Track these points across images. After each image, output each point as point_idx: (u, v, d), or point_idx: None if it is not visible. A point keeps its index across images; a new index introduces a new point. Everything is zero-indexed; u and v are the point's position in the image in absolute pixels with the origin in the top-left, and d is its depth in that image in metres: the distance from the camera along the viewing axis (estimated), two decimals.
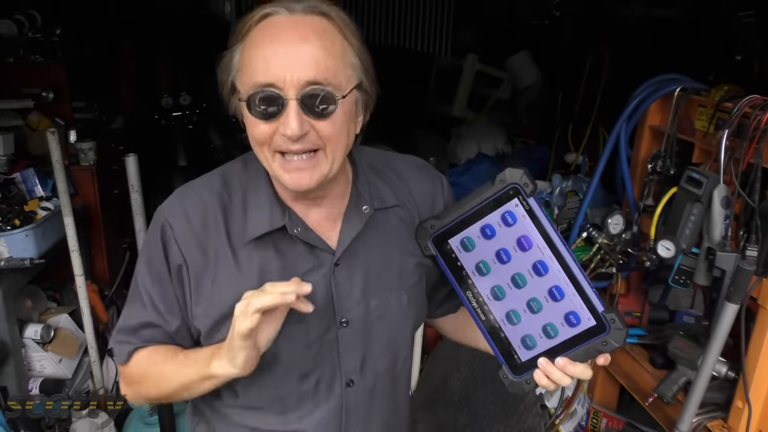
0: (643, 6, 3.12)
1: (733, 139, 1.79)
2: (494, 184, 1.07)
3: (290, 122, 0.98)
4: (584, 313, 1.03)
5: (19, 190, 2.82)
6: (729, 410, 1.88)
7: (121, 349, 1.20)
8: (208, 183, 1.17)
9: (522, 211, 1.06)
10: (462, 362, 2.77)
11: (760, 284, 1.74)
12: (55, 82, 3.06)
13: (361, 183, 1.19)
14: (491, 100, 4.44)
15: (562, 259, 1.04)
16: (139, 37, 4.06)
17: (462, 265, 1.13)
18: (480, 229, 1.10)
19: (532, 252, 1.06)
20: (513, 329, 1.10)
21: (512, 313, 1.10)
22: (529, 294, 1.08)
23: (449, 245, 1.14)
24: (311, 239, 1.13)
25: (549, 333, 1.07)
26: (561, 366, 1.05)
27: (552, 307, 1.06)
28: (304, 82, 0.98)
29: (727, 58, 2.59)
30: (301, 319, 1.12)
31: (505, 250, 1.08)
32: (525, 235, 1.06)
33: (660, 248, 1.98)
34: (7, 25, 2.92)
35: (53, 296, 3.11)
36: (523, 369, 1.10)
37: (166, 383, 1.15)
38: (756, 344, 1.77)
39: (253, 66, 1.00)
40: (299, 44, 0.98)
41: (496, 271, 1.10)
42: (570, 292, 1.04)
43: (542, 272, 1.06)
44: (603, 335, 1.02)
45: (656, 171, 2.18)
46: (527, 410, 2.31)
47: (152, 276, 1.15)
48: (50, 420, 2.64)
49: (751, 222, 1.76)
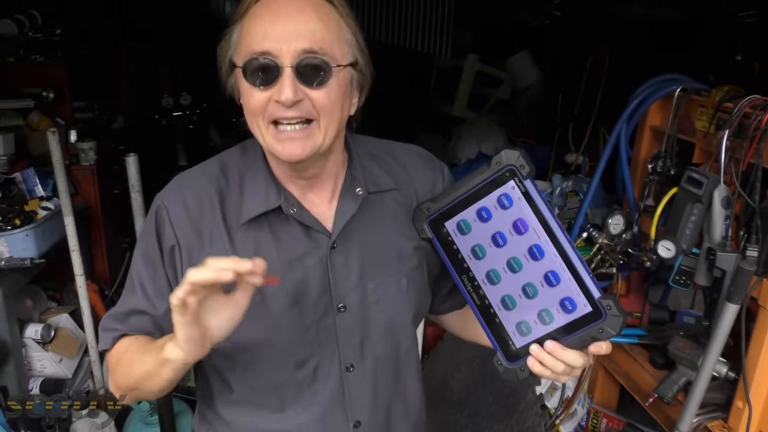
0: (644, 6, 3.12)
1: (734, 139, 1.79)
2: (490, 166, 1.06)
3: (285, 89, 1.00)
4: (580, 299, 1.01)
5: (20, 190, 2.82)
6: (729, 410, 1.88)
7: (106, 336, 1.19)
8: (205, 169, 1.18)
9: (518, 193, 1.04)
10: (462, 362, 2.77)
11: (761, 284, 1.74)
12: (55, 81, 3.06)
13: (356, 167, 1.19)
14: (491, 100, 4.44)
15: (558, 244, 1.02)
16: (140, 36, 4.07)
17: (458, 249, 1.12)
18: (476, 211, 1.09)
19: (528, 235, 1.04)
20: (508, 314, 1.09)
21: (507, 298, 1.08)
22: (524, 279, 1.06)
23: (445, 228, 1.13)
24: (307, 219, 1.13)
25: (544, 319, 1.05)
26: (550, 350, 1.03)
27: (548, 293, 1.04)
28: (300, 50, 1.00)
29: (727, 58, 2.59)
30: (296, 304, 1.12)
31: (501, 234, 1.07)
32: (521, 218, 1.04)
33: (660, 248, 1.98)
34: (7, 25, 2.92)
35: (53, 296, 3.11)
36: (518, 355, 1.08)
37: (131, 370, 1.11)
38: (756, 344, 1.77)
39: (250, 37, 1.02)
40: (296, 15, 1.01)
41: (492, 254, 1.08)
42: (566, 277, 1.02)
43: (538, 257, 1.04)
44: (599, 322, 1.00)
45: (656, 171, 2.18)
46: (527, 410, 2.31)
47: (145, 260, 1.15)
48: (50, 420, 2.64)
49: (752, 222, 1.76)
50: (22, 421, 2.56)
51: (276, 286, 1.11)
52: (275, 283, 1.10)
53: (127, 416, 2.92)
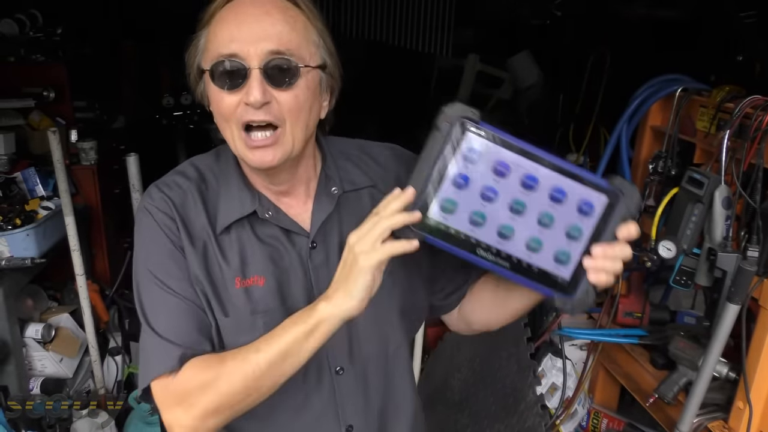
0: (645, 6, 3.12)
1: (735, 139, 1.78)
2: (440, 130, 0.99)
3: (253, 90, 1.00)
4: (593, 195, 0.99)
5: (20, 190, 2.82)
6: (730, 411, 1.88)
7: (167, 354, 1.06)
8: (184, 173, 1.17)
9: (480, 140, 0.98)
10: (462, 362, 2.77)
11: (761, 285, 1.74)
12: (56, 81, 3.06)
13: (330, 167, 1.20)
14: (492, 100, 4.44)
15: (544, 161, 0.98)
16: (141, 36, 4.07)
17: (456, 230, 1.01)
18: (452, 183, 0.99)
19: (514, 172, 0.98)
20: (541, 256, 1.01)
21: (531, 242, 1.01)
22: (534, 212, 1.00)
23: (431, 219, 1.00)
24: (283, 222, 1.14)
25: (573, 236, 1.00)
26: (603, 254, 0.99)
27: (562, 210, 1.00)
28: (267, 52, 1.00)
29: (728, 58, 2.59)
30: (282, 304, 1.12)
31: (488, 187, 0.99)
32: (497, 160, 0.98)
33: (661, 249, 1.98)
34: (8, 25, 2.92)
35: (54, 296, 3.11)
36: (574, 285, 1.03)
37: (251, 367, 1.01)
38: (757, 345, 1.77)
39: (217, 40, 1.02)
40: (263, 18, 1.01)
41: (491, 212, 1.00)
42: (569, 185, 0.99)
43: (533, 185, 0.99)
44: (620, 205, 0.99)
45: (657, 171, 2.18)
46: (528, 410, 2.31)
47: (163, 256, 1.10)
48: (51, 419, 2.64)
49: (753, 222, 1.76)
50: (22, 421, 2.56)
51: (263, 287, 1.11)
52: (261, 284, 1.11)
53: (128, 416, 2.92)
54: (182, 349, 1.06)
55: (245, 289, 1.11)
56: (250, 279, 1.12)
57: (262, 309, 1.11)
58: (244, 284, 1.11)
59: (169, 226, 1.11)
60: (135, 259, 1.15)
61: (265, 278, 1.12)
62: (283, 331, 1.02)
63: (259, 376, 1.01)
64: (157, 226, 1.11)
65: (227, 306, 1.11)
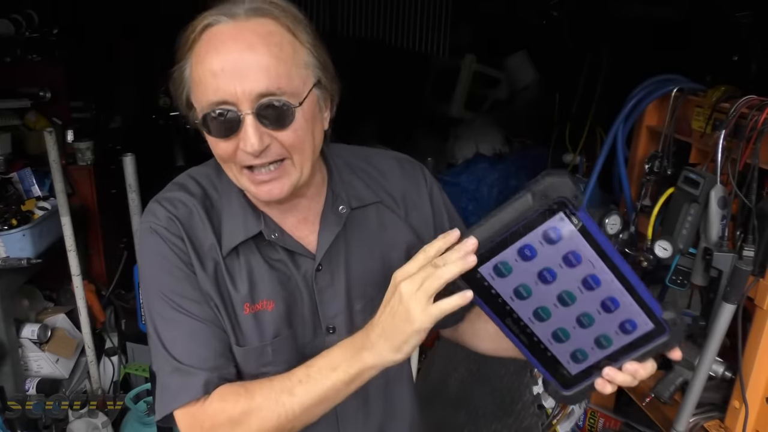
0: (641, 6, 3.13)
1: (730, 139, 1.79)
2: (533, 198, 0.88)
3: (249, 138, 0.95)
4: (641, 319, 0.93)
5: (17, 190, 2.82)
6: (726, 410, 1.88)
7: (190, 382, 1.02)
8: (186, 188, 1.12)
9: (569, 226, 0.90)
10: (460, 362, 2.77)
11: (757, 284, 1.74)
12: (52, 81, 3.06)
13: (336, 183, 1.15)
14: (489, 100, 4.44)
15: (616, 269, 0.92)
16: (137, 36, 4.06)
17: (497, 293, 0.95)
18: (517, 251, 0.92)
19: (582, 267, 0.92)
20: (561, 346, 0.98)
21: (560, 331, 0.97)
22: (579, 310, 0.95)
23: (479, 273, 0.94)
24: (289, 244, 1.10)
25: (602, 344, 0.96)
26: (632, 371, 0.94)
27: (605, 319, 0.94)
28: (257, 95, 0.94)
29: (724, 58, 2.59)
30: (290, 327, 1.10)
31: (550, 270, 0.92)
32: (573, 250, 0.91)
33: (657, 248, 1.98)
34: (4, 25, 2.92)
35: (50, 296, 3.11)
36: (575, 381, 1.00)
37: (284, 410, 0.98)
38: (753, 344, 1.77)
39: (203, 84, 0.96)
40: (245, 54, 0.93)
41: (539, 292, 0.94)
42: (626, 301, 0.93)
43: (594, 286, 0.92)
44: (662, 337, 0.94)
45: (653, 171, 2.18)
46: (525, 410, 2.32)
47: (175, 277, 1.06)
48: (47, 420, 2.64)
49: (748, 222, 1.76)
50: (19, 421, 2.56)
51: (272, 312, 1.09)
52: (270, 308, 1.08)
53: (124, 416, 2.92)
54: (206, 374, 1.02)
55: (254, 315, 1.08)
56: (258, 304, 1.08)
57: (271, 336, 1.09)
58: (253, 309, 1.08)
59: (180, 246, 1.06)
60: (144, 282, 1.10)
61: (274, 302, 1.08)
62: (321, 376, 0.97)
63: (292, 419, 0.99)
64: (167, 247, 1.06)
65: (237, 333, 1.08)
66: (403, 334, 0.90)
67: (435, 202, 1.25)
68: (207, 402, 1.02)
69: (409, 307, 0.88)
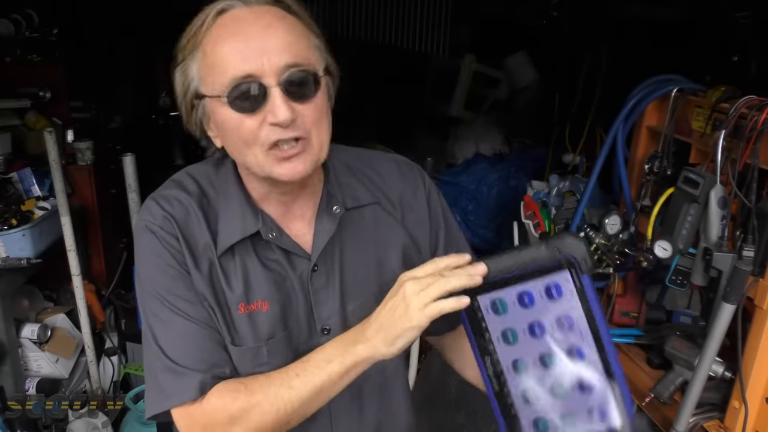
0: (641, 6, 3.13)
1: (730, 139, 1.79)
2: (547, 249, 0.94)
3: (278, 109, 0.95)
4: (611, 413, 0.93)
5: (16, 190, 2.82)
6: (726, 410, 1.88)
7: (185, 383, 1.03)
8: (183, 186, 1.12)
9: (571, 287, 0.93)
10: None
11: (757, 284, 1.74)
12: (52, 81, 3.06)
13: (332, 183, 1.16)
14: (489, 100, 4.45)
15: (602, 351, 0.93)
16: (137, 36, 4.06)
17: (486, 327, 0.97)
18: (517, 294, 0.95)
19: (572, 334, 0.93)
20: (527, 408, 0.97)
21: (529, 392, 0.96)
22: (555, 377, 0.95)
23: (477, 302, 0.97)
24: (286, 244, 1.10)
25: (566, 422, 0.95)
26: None
27: (577, 398, 0.94)
28: (284, 66, 0.96)
29: (724, 58, 2.59)
30: (285, 328, 1.10)
31: (541, 324, 0.94)
32: (568, 314, 0.93)
33: (657, 248, 1.98)
34: (4, 25, 2.91)
35: (50, 296, 3.11)
36: None
37: (282, 404, 1.00)
38: (752, 344, 1.77)
39: (224, 62, 0.96)
40: (267, 32, 0.96)
41: (525, 343, 0.95)
42: (601, 388, 0.93)
43: (577, 358, 0.93)
44: None
45: (653, 171, 2.18)
46: None
47: (169, 276, 1.06)
48: (47, 420, 2.64)
49: (748, 222, 1.76)
50: (19, 421, 2.56)
51: (267, 312, 1.09)
52: (265, 309, 1.08)
53: (124, 416, 2.92)
54: (201, 375, 1.03)
55: (249, 315, 1.08)
56: (253, 304, 1.09)
57: (266, 337, 1.09)
58: (247, 309, 1.08)
59: (174, 246, 1.06)
60: (139, 281, 1.10)
61: (269, 303, 1.09)
62: (317, 368, 1.01)
63: (290, 412, 1.01)
64: (161, 246, 1.06)
65: (233, 333, 1.08)
66: (400, 329, 0.95)
67: (432, 205, 1.25)
68: (204, 400, 1.03)
69: (410, 304, 0.93)
